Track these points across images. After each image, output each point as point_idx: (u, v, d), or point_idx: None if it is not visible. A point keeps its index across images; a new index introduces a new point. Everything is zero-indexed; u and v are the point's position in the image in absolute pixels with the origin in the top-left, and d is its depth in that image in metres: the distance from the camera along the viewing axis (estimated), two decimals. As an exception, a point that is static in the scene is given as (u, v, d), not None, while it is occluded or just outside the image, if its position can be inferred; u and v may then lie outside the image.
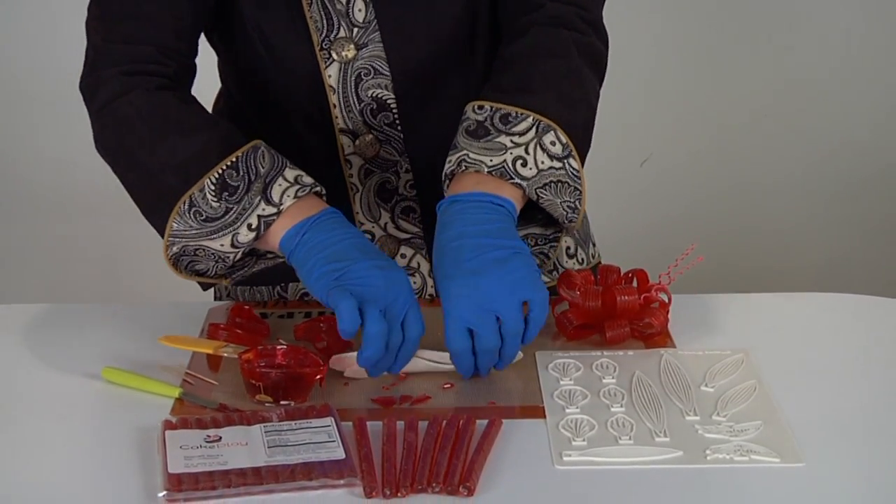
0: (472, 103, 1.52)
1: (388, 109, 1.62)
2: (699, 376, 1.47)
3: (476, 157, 1.48)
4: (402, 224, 1.68)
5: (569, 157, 1.51)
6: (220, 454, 1.29)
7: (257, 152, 1.50)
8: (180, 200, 1.47)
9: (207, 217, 1.48)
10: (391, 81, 1.60)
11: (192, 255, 1.51)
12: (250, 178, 1.48)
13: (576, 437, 1.34)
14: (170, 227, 1.49)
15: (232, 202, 1.47)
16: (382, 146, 1.64)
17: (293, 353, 1.44)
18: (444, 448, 1.30)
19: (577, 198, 1.52)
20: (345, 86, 1.60)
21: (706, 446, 1.32)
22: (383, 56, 1.60)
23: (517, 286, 1.40)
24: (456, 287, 1.40)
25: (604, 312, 1.56)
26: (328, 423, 1.34)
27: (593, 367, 1.49)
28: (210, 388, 1.45)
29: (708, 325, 1.61)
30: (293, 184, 1.48)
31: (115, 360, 1.50)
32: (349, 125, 1.62)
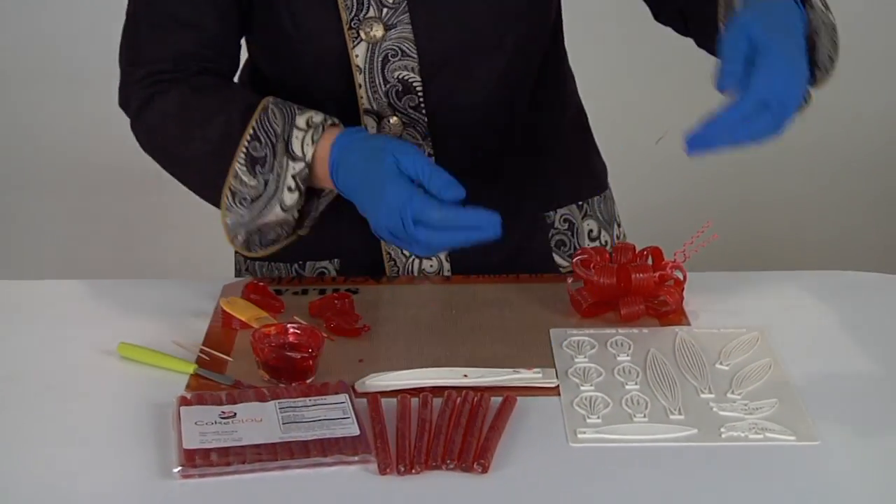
0: None
1: (414, 92, 1.61)
2: (714, 354, 1.47)
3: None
4: None
5: (829, 9, 1.47)
6: (235, 430, 1.29)
7: (268, 112, 1.54)
8: (223, 194, 1.55)
9: (252, 198, 1.54)
10: (418, 64, 1.60)
11: (258, 233, 1.58)
12: (272, 142, 1.53)
13: (590, 414, 1.34)
14: (225, 224, 1.57)
15: (265, 172, 1.53)
16: (406, 129, 1.63)
17: (303, 334, 1.44)
18: (459, 425, 1.30)
19: (835, 49, 1.46)
20: (371, 66, 1.60)
21: (721, 424, 1.32)
22: (411, 38, 1.59)
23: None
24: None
25: (618, 290, 1.56)
26: (343, 400, 1.34)
27: (608, 344, 1.49)
28: (225, 365, 1.46)
29: (723, 302, 1.60)
30: (306, 129, 1.52)
31: (131, 336, 1.50)
32: (374, 106, 1.62)
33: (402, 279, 1.71)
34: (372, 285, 1.67)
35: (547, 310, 1.58)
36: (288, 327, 1.45)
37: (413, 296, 1.63)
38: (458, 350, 1.49)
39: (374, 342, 1.51)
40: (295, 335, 1.45)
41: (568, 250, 1.75)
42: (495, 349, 1.49)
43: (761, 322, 1.54)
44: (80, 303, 1.64)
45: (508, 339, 1.51)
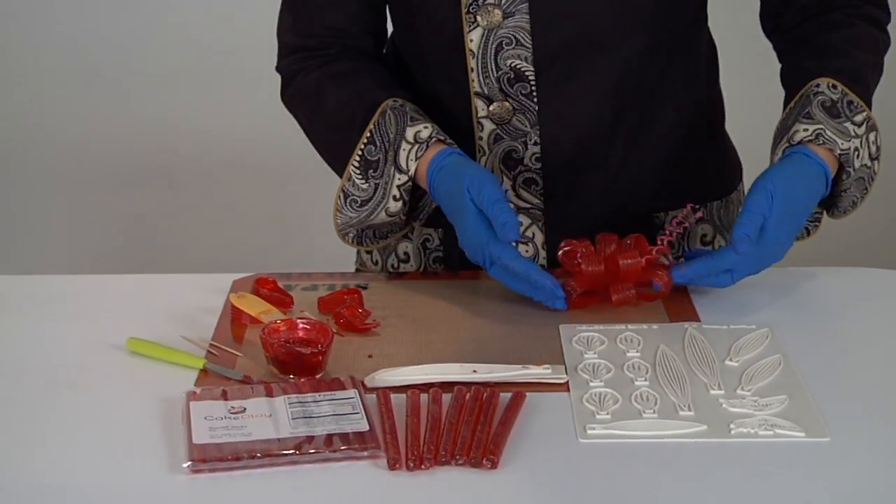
0: (825, 79, 1.57)
1: (526, 80, 1.61)
2: (724, 350, 1.46)
3: (832, 135, 1.54)
4: (522, 194, 1.67)
5: (878, 158, 1.59)
6: (245, 425, 1.29)
7: (385, 117, 1.60)
8: (336, 196, 1.62)
9: (362, 202, 1.61)
10: (531, 54, 1.60)
11: (369, 229, 1.66)
12: (385, 148, 1.60)
13: (600, 410, 1.34)
14: (336, 225, 1.64)
15: (377, 177, 1.60)
16: (516, 114, 1.63)
17: (313, 329, 1.44)
18: (468, 421, 1.30)
19: (863, 195, 1.60)
20: (485, 52, 1.60)
21: (731, 420, 1.32)
22: (527, 28, 1.59)
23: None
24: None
25: (607, 277, 1.55)
26: (352, 395, 1.34)
27: (617, 340, 1.49)
28: (234, 360, 1.46)
29: (733, 299, 1.60)
30: (413, 143, 1.59)
31: (140, 331, 1.50)
32: (485, 90, 1.63)
33: (412, 275, 1.71)
34: (381, 281, 1.67)
35: (556, 305, 1.57)
36: (297, 322, 1.45)
37: (422, 291, 1.63)
38: (467, 346, 1.49)
39: (384, 337, 1.51)
40: (304, 330, 1.45)
41: (676, 253, 1.71)
42: (505, 345, 1.48)
43: (771, 318, 1.54)
44: (88, 298, 1.64)
45: (518, 334, 1.51)
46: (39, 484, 1.24)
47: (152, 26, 3.40)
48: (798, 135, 1.55)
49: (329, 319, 1.53)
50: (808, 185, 1.54)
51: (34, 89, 3.43)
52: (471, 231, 1.52)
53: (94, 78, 3.43)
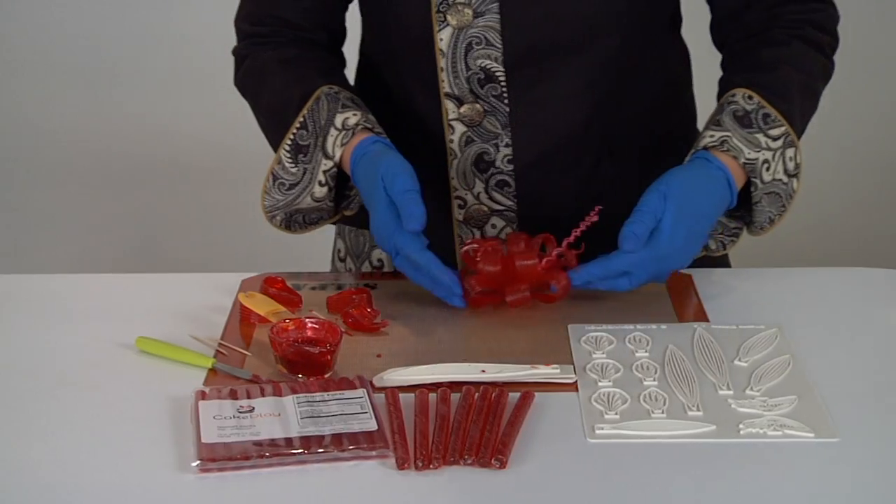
0: (741, 90, 1.57)
1: (496, 81, 1.61)
2: (733, 350, 1.46)
3: (738, 143, 1.54)
4: (494, 196, 1.68)
5: (796, 176, 1.59)
6: (253, 425, 1.29)
7: (319, 103, 1.61)
8: (265, 178, 1.64)
9: (290, 185, 1.63)
10: (502, 55, 1.60)
11: (298, 213, 1.66)
12: (316, 134, 1.61)
13: (608, 410, 1.34)
14: (263, 206, 1.65)
15: (306, 162, 1.61)
16: (487, 116, 1.63)
17: (321, 329, 1.44)
18: (477, 420, 1.30)
19: (780, 212, 1.59)
20: (455, 52, 1.61)
21: (739, 420, 1.32)
22: (498, 28, 1.59)
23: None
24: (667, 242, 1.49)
25: (505, 278, 1.55)
26: (361, 395, 1.34)
27: (626, 340, 1.49)
28: (243, 359, 1.46)
29: (741, 299, 1.60)
30: (340, 130, 1.59)
31: (149, 330, 1.50)
32: (455, 91, 1.63)
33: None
34: (390, 280, 1.67)
35: (565, 305, 1.57)
36: (306, 322, 1.45)
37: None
38: (476, 345, 1.49)
39: (392, 337, 1.51)
40: (313, 330, 1.45)
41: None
42: (513, 345, 1.48)
43: (780, 318, 1.54)
44: (97, 297, 1.64)
45: (526, 334, 1.51)
46: (47, 482, 1.24)
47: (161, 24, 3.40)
48: (703, 140, 1.55)
49: (338, 319, 1.53)
50: (708, 190, 1.53)
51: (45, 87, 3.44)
52: (380, 220, 1.52)
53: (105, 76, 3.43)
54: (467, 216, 1.69)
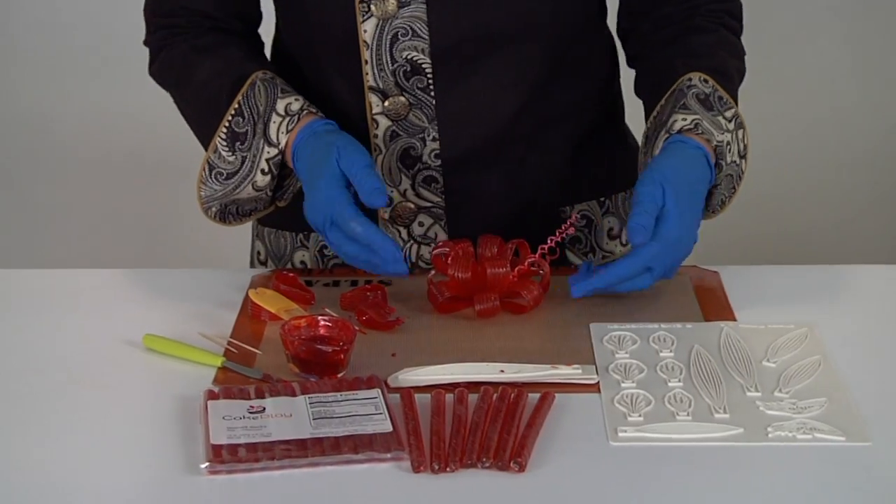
0: (697, 73, 1.59)
1: (423, 74, 1.61)
2: (761, 351, 1.46)
3: (708, 126, 1.56)
4: (422, 192, 1.68)
5: (745, 157, 1.60)
6: (264, 425, 1.29)
7: (255, 89, 1.60)
8: (200, 168, 1.62)
9: (228, 174, 1.61)
10: (428, 46, 1.60)
11: (234, 204, 1.64)
12: (254, 120, 1.60)
13: (631, 412, 1.34)
14: (199, 198, 1.64)
15: (244, 150, 1.60)
16: (412, 110, 1.63)
17: (334, 327, 1.45)
18: (495, 422, 1.30)
19: (731, 194, 1.61)
20: (379, 43, 1.60)
21: (768, 423, 1.32)
22: (424, 19, 1.59)
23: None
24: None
25: (475, 284, 1.55)
26: (375, 395, 1.34)
27: (650, 340, 1.49)
28: (253, 358, 1.46)
29: (769, 297, 1.60)
30: (284, 116, 1.59)
31: (156, 327, 1.51)
32: (379, 84, 1.62)
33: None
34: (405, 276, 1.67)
35: (587, 303, 1.57)
36: (319, 320, 1.46)
37: (448, 288, 1.63)
38: (494, 344, 1.49)
39: (408, 335, 1.51)
40: (326, 328, 1.45)
41: (584, 248, 1.74)
42: (533, 344, 1.49)
43: (810, 317, 1.54)
44: (103, 293, 1.65)
45: (547, 333, 1.51)
46: (52, 482, 1.25)
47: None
48: (677, 124, 1.56)
49: (351, 316, 1.53)
50: (696, 170, 1.54)
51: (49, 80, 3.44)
52: (323, 192, 1.51)
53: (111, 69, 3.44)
54: (394, 214, 1.69)
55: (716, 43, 1.65)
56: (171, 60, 1.68)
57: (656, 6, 1.68)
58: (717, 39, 1.65)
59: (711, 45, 1.64)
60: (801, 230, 3.43)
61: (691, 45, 1.64)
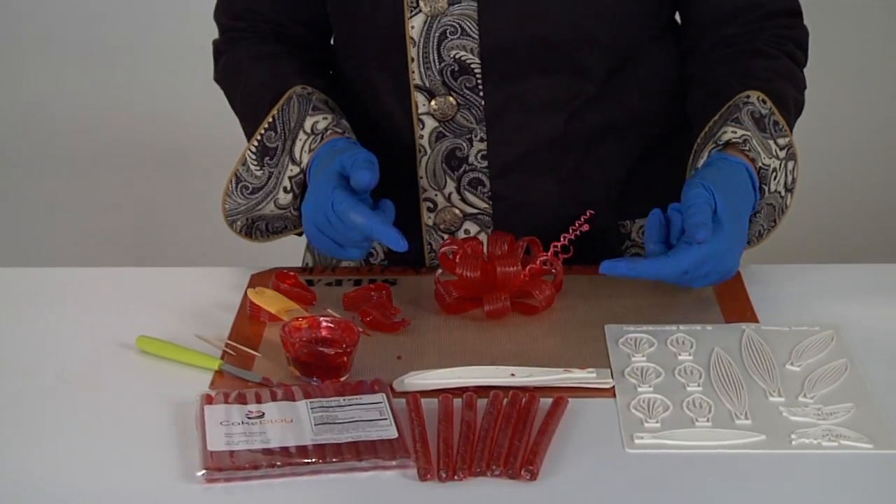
0: (756, 92, 1.59)
1: (471, 73, 1.61)
2: (784, 354, 1.46)
3: (757, 146, 1.56)
4: (467, 197, 1.67)
5: (791, 191, 1.61)
6: (263, 431, 1.29)
7: (290, 104, 1.62)
8: (228, 179, 1.65)
9: (253, 189, 1.64)
10: (478, 46, 1.60)
11: (261, 220, 1.66)
12: (285, 136, 1.62)
13: (648, 418, 1.34)
14: (224, 210, 1.67)
15: (272, 165, 1.63)
16: (460, 110, 1.63)
17: (337, 328, 1.45)
18: (506, 428, 1.30)
19: (771, 227, 1.61)
20: (427, 41, 1.60)
21: (791, 430, 1.31)
22: (475, 17, 1.59)
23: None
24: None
25: (484, 284, 1.54)
26: (379, 400, 1.34)
27: (668, 342, 1.48)
28: (252, 361, 1.46)
29: (794, 298, 1.59)
30: (309, 134, 1.61)
31: (151, 328, 1.51)
32: (426, 83, 1.62)
33: (445, 270, 1.71)
34: (412, 276, 1.67)
35: (601, 304, 1.57)
36: (321, 321, 1.46)
37: (456, 288, 1.63)
38: (504, 347, 1.48)
39: (414, 337, 1.51)
40: (328, 329, 1.45)
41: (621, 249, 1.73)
42: (545, 346, 1.48)
43: (836, 319, 1.53)
44: (95, 293, 1.65)
45: (559, 335, 1.51)
46: (42, 490, 1.25)
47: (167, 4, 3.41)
48: (726, 135, 1.56)
49: (355, 317, 1.53)
50: (741, 185, 1.53)
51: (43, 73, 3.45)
52: (321, 183, 1.53)
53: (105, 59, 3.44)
54: (438, 220, 1.69)
55: (776, 69, 1.64)
56: (227, 68, 1.74)
57: (719, 26, 1.68)
58: (778, 66, 1.65)
59: (771, 70, 1.64)
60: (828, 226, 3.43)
61: (750, 67, 1.64)
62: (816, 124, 3.31)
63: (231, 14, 1.75)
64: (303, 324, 1.45)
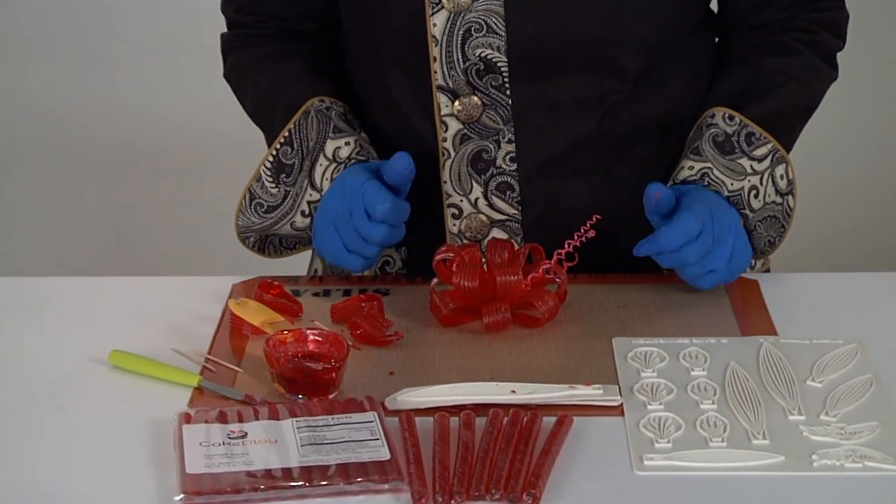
0: (722, 109, 1.63)
1: (498, 72, 1.61)
2: (805, 369, 1.46)
3: (719, 175, 1.61)
4: (495, 202, 1.67)
5: (790, 193, 1.63)
6: (246, 452, 1.29)
7: (308, 118, 1.64)
8: (241, 195, 1.68)
9: (268, 207, 1.67)
10: (504, 44, 1.60)
11: (275, 236, 1.69)
12: (303, 155, 1.65)
13: (659, 437, 1.34)
14: (237, 226, 1.69)
15: (289, 184, 1.66)
16: (486, 111, 1.63)
17: (325, 342, 1.45)
18: (506, 449, 1.30)
19: (780, 234, 1.64)
20: (450, 39, 1.60)
21: (812, 451, 1.32)
22: (501, 13, 1.59)
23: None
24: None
25: (483, 294, 1.54)
26: (371, 419, 1.34)
27: (680, 356, 1.49)
28: (234, 377, 1.46)
29: (816, 308, 1.60)
30: (331, 161, 1.63)
31: (125, 342, 1.51)
32: (449, 83, 1.63)
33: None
34: (405, 285, 1.67)
35: (609, 315, 1.57)
36: (307, 334, 1.46)
37: (452, 298, 1.63)
38: (504, 361, 1.49)
39: (408, 352, 1.51)
40: (315, 343, 1.45)
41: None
42: (548, 361, 1.49)
43: (860, 331, 1.54)
44: (65, 304, 1.65)
45: (564, 349, 1.51)
46: (8, 519, 1.25)
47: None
48: (682, 172, 1.61)
49: (344, 330, 1.53)
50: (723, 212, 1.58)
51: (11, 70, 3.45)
52: (352, 174, 1.59)
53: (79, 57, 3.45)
54: (464, 228, 1.69)
55: (789, 70, 1.66)
56: (235, 66, 1.77)
57: (752, 15, 1.70)
58: (793, 66, 1.67)
59: (782, 71, 1.66)
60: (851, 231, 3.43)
61: (759, 67, 1.67)
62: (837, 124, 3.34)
63: (237, 7, 1.77)
64: (288, 337, 1.45)
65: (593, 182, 1.68)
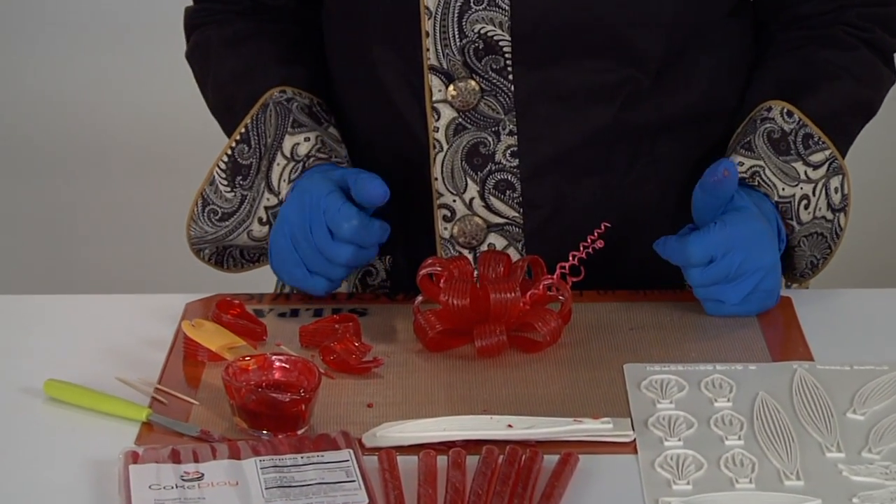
0: (780, 104, 1.64)
1: (499, 53, 1.62)
2: (845, 399, 1.46)
3: (770, 176, 1.62)
4: (493, 203, 1.67)
5: (843, 210, 1.64)
6: (202, 497, 1.29)
7: (266, 112, 1.65)
8: (193, 201, 1.67)
9: (223, 214, 1.68)
10: (508, 19, 1.60)
11: (234, 248, 1.69)
12: (260, 153, 1.64)
13: (678, 478, 1.34)
14: (188, 236, 1.70)
15: (245, 188, 1.67)
16: (484, 97, 1.63)
17: (293, 369, 1.45)
18: (502, 491, 1.30)
19: (825, 256, 1.66)
20: (445, 12, 1.61)
21: (854, 493, 1.32)
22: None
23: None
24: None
25: (475, 314, 1.55)
26: (346, 458, 1.34)
27: (702, 385, 1.49)
28: (188, 410, 1.46)
29: (855, 330, 1.60)
30: (289, 160, 1.65)
31: (62, 370, 1.51)
32: (443, 64, 1.63)
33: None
34: (385, 304, 1.67)
35: (619, 338, 1.58)
36: (272, 360, 1.46)
37: (440, 318, 1.63)
38: (499, 391, 1.49)
39: (388, 380, 1.52)
40: (282, 370, 1.45)
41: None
42: (550, 391, 1.49)
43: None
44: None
45: (568, 377, 1.52)
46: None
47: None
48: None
49: (315, 356, 1.53)
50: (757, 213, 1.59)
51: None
52: (314, 184, 1.58)
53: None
54: (457, 232, 1.69)
55: (845, 65, 1.67)
56: (197, 47, 1.78)
57: (795, 2, 1.71)
58: (850, 61, 1.68)
59: (838, 66, 1.67)
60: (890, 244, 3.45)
61: (811, 59, 1.68)
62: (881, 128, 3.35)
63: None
64: (251, 364, 1.45)
65: (607, 182, 1.68)
